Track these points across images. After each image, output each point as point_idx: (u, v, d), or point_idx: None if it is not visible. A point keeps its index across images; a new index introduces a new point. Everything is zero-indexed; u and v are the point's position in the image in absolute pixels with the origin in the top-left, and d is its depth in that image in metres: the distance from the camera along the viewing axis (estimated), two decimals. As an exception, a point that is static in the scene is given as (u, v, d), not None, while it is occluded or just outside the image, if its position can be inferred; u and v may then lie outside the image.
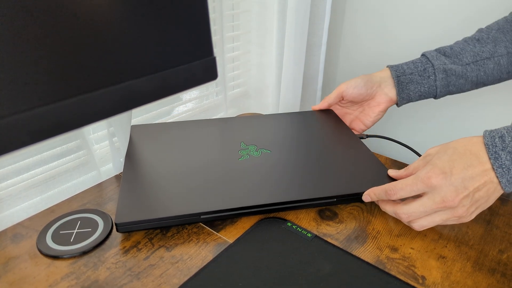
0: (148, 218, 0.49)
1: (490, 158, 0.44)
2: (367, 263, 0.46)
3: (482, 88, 0.72)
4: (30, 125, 0.29)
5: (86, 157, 0.64)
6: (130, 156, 0.60)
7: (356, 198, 0.55)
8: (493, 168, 0.44)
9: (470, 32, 0.72)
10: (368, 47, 1.02)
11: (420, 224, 0.48)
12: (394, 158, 0.89)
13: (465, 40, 0.70)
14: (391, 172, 0.56)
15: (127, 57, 0.33)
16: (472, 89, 0.70)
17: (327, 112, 0.76)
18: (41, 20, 0.27)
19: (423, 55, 0.71)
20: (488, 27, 0.69)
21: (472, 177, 0.44)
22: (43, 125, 0.30)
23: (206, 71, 0.40)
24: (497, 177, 0.44)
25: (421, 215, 0.48)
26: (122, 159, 0.62)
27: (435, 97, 0.71)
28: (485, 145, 0.45)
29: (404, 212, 0.48)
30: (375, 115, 0.72)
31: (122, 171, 0.64)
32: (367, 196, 0.53)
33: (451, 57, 0.68)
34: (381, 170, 0.58)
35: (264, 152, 0.62)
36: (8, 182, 0.56)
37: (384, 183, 0.51)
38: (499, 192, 0.45)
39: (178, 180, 0.55)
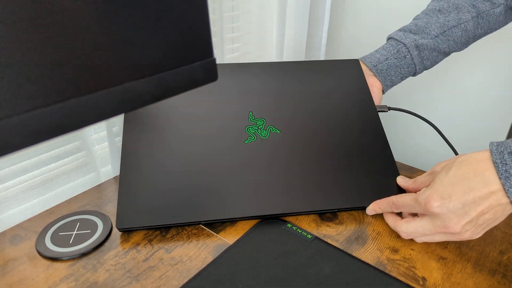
0: (149, 225, 0.50)
1: (500, 178, 0.40)
2: (368, 264, 0.46)
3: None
4: (30, 126, 0.29)
5: (85, 159, 0.64)
6: (127, 151, 0.55)
7: (358, 208, 0.55)
8: (504, 189, 0.40)
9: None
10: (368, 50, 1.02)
11: (420, 239, 0.48)
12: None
13: (426, 13, 0.68)
14: (400, 181, 0.55)
15: (127, 59, 0.33)
16: (443, 58, 0.70)
17: (352, 64, 0.68)
18: (41, 22, 0.27)
19: (390, 38, 0.69)
20: None
21: (474, 201, 0.41)
22: (42, 126, 0.30)
23: (206, 72, 0.40)
24: (508, 197, 0.40)
25: (420, 235, 0.47)
26: None
27: (414, 75, 0.69)
28: (493, 163, 0.41)
29: (404, 230, 0.48)
30: (375, 95, 0.67)
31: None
32: (371, 210, 0.53)
33: (419, 33, 0.66)
34: (391, 177, 0.56)
35: (272, 131, 0.58)
36: (6, 184, 0.56)
37: (391, 194, 0.51)
38: (509, 211, 0.42)
39: (179, 175, 0.53)
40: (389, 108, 0.66)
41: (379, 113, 0.64)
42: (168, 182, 0.52)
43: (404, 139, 1.05)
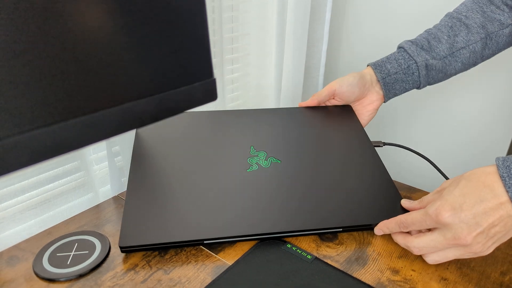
0: (152, 243, 0.49)
1: (507, 191, 0.41)
2: (368, 285, 0.45)
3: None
4: (29, 146, 0.29)
5: (84, 179, 0.64)
6: (134, 171, 0.57)
7: (363, 228, 0.54)
8: (511, 201, 0.41)
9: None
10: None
11: (433, 259, 0.47)
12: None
13: (439, 28, 0.69)
14: (405, 204, 0.54)
15: (128, 79, 0.34)
16: (447, 79, 0.72)
17: (345, 110, 0.72)
18: (43, 43, 0.28)
19: (401, 48, 0.70)
20: (457, 11, 0.69)
21: (485, 212, 0.41)
22: (42, 146, 0.30)
23: (206, 92, 0.41)
24: None
25: (432, 250, 0.46)
26: (124, 179, 0.61)
27: (418, 88, 0.72)
28: (500, 176, 0.42)
29: (415, 246, 0.47)
30: (369, 114, 0.71)
31: (120, 192, 0.64)
32: (379, 230, 0.52)
33: (430, 52, 0.68)
34: (393, 198, 0.56)
35: (273, 162, 0.60)
36: (3, 204, 0.56)
37: (396, 213, 0.50)
38: None
39: (184, 197, 0.54)
40: (384, 143, 0.69)
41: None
42: (172, 205, 0.53)
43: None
